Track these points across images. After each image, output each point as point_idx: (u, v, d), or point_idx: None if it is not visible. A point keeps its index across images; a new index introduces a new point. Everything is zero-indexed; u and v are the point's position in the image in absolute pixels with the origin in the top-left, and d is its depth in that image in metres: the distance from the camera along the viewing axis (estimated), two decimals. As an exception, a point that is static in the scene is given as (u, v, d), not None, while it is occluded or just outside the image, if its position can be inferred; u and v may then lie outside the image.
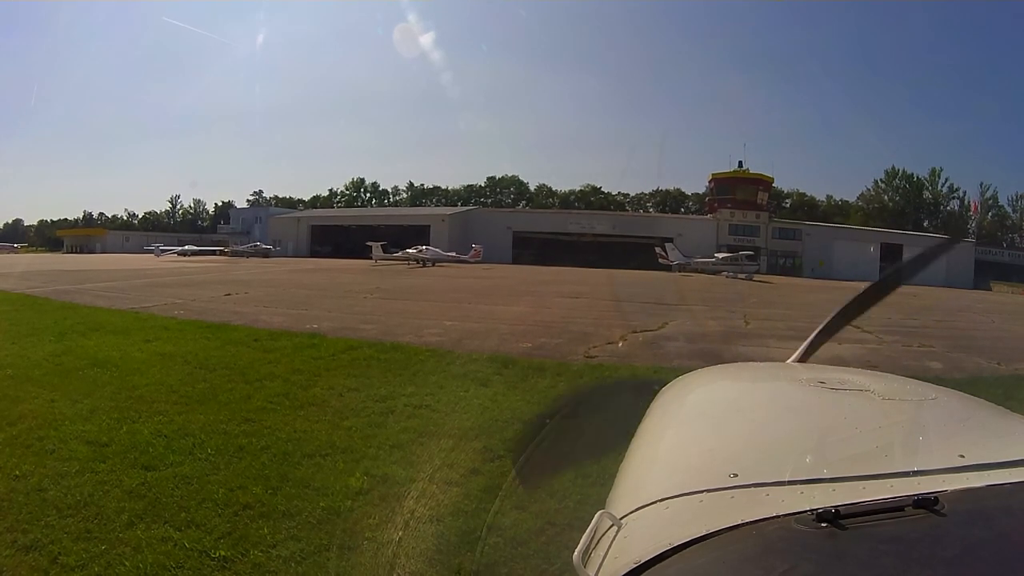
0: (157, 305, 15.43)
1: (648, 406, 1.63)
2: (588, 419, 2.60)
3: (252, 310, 14.80)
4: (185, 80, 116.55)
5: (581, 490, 3.72)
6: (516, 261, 53.88)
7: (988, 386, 7.45)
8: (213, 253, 60.27)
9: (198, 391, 6.91)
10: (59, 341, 10.03)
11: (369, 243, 48.24)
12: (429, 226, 59.53)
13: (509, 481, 3.61)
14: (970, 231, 64.09)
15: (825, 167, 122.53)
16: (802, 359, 1.93)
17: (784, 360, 1.99)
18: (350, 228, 65.56)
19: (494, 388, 7.06)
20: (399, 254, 46.10)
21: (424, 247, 47.36)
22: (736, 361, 4.76)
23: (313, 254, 62.99)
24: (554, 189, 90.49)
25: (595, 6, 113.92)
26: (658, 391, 1.74)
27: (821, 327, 1.95)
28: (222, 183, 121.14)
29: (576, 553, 0.93)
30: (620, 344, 11.10)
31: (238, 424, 5.68)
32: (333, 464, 4.66)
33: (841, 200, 79.37)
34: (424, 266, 42.80)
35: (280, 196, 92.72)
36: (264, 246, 60.75)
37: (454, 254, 48.11)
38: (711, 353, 10.21)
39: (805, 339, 1.97)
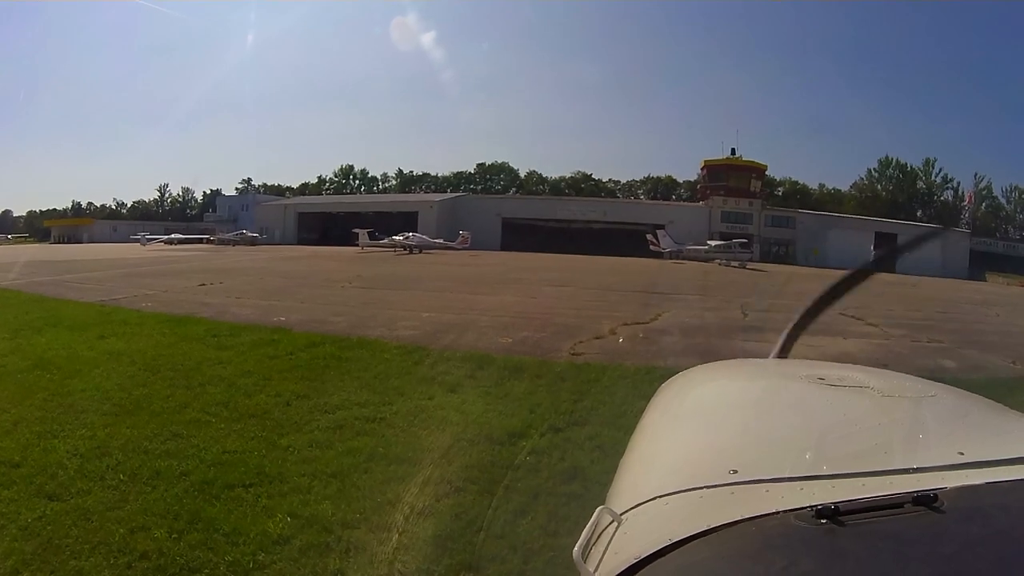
0: (127, 297, 14.71)
1: (648, 402, 1.59)
2: None
3: (222, 301, 14.09)
4: (174, 69, 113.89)
5: (554, 540, 3.00)
6: (505, 248, 52.86)
7: (1010, 389, 6.79)
8: (200, 241, 59.52)
9: (133, 398, 6.19)
10: (12, 339, 9.33)
11: (356, 230, 47.35)
12: (417, 213, 58.48)
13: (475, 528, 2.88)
14: (964, 221, 63.57)
15: (818, 155, 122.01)
16: (781, 354, 1.89)
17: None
18: (338, 215, 64.37)
19: (462, 395, 6.28)
20: (385, 241, 45.34)
21: (411, 234, 46.53)
22: (737, 358, 4.27)
23: (300, 241, 61.68)
24: (545, 176, 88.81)
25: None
26: (658, 387, 1.72)
27: (796, 320, 1.91)
28: (212, 171, 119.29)
29: (576, 548, 0.91)
30: (609, 339, 10.39)
31: (163, 441, 4.93)
32: (255, 498, 3.91)
33: (834, 189, 78.66)
34: (411, 253, 42.11)
35: (269, 183, 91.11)
36: (250, 234, 59.44)
37: (441, 241, 47.39)
38: (709, 349, 9.54)
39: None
